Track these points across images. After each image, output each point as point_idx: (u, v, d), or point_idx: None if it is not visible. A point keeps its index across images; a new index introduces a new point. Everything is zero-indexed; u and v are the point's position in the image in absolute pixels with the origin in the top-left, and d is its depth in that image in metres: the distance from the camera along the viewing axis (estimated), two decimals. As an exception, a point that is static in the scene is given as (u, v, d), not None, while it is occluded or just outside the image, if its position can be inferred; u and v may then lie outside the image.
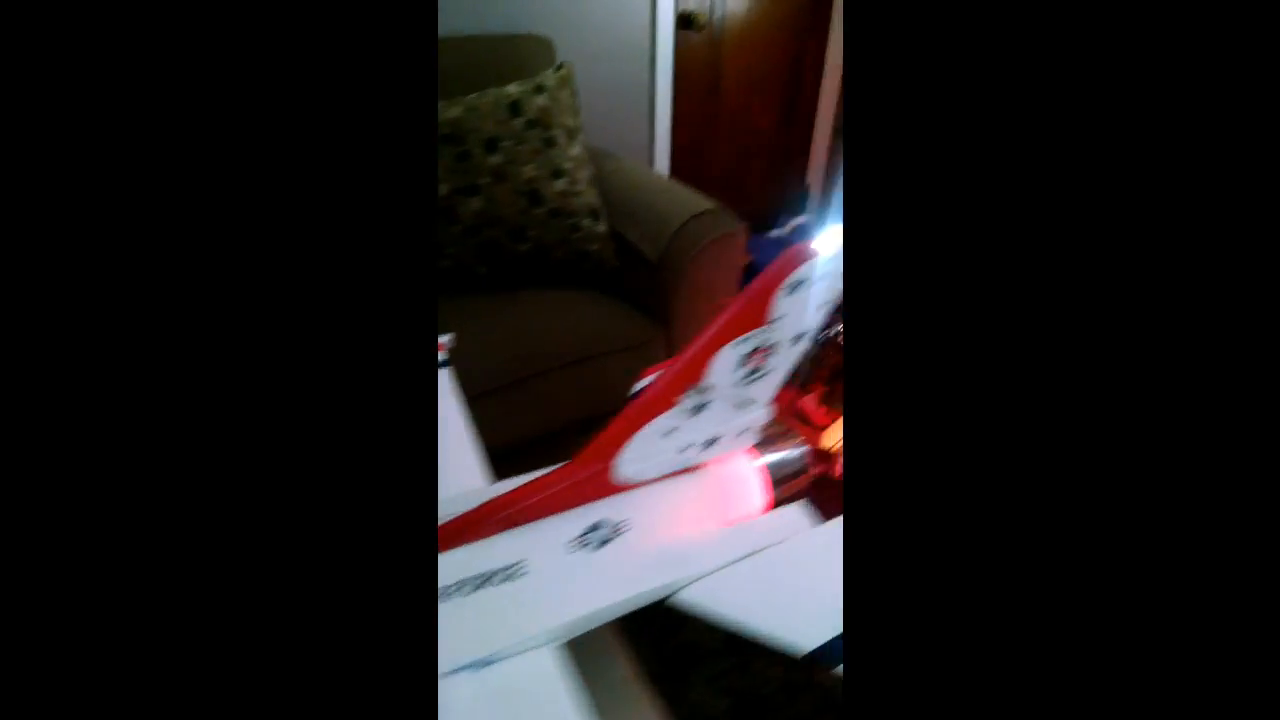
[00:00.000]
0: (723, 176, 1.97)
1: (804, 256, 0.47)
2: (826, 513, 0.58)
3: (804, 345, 0.53)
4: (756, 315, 0.48)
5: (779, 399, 0.59)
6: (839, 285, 0.51)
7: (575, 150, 1.09)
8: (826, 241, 0.47)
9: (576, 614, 0.44)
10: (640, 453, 0.50)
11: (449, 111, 1.04)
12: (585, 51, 1.47)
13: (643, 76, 1.61)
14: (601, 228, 1.11)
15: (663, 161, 1.76)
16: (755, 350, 0.50)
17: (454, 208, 1.04)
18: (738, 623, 0.46)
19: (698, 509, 0.53)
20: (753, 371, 0.51)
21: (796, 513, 0.55)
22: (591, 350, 0.96)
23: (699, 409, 0.50)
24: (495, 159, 1.03)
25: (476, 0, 1.33)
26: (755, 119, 1.95)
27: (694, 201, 1.00)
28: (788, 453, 0.58)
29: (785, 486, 0.57)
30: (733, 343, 0.48)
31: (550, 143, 1.06)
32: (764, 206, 2.14)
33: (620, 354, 0.97)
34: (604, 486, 0.50)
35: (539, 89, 1.08)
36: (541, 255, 1.10)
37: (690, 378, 0.48)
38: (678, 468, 0.53)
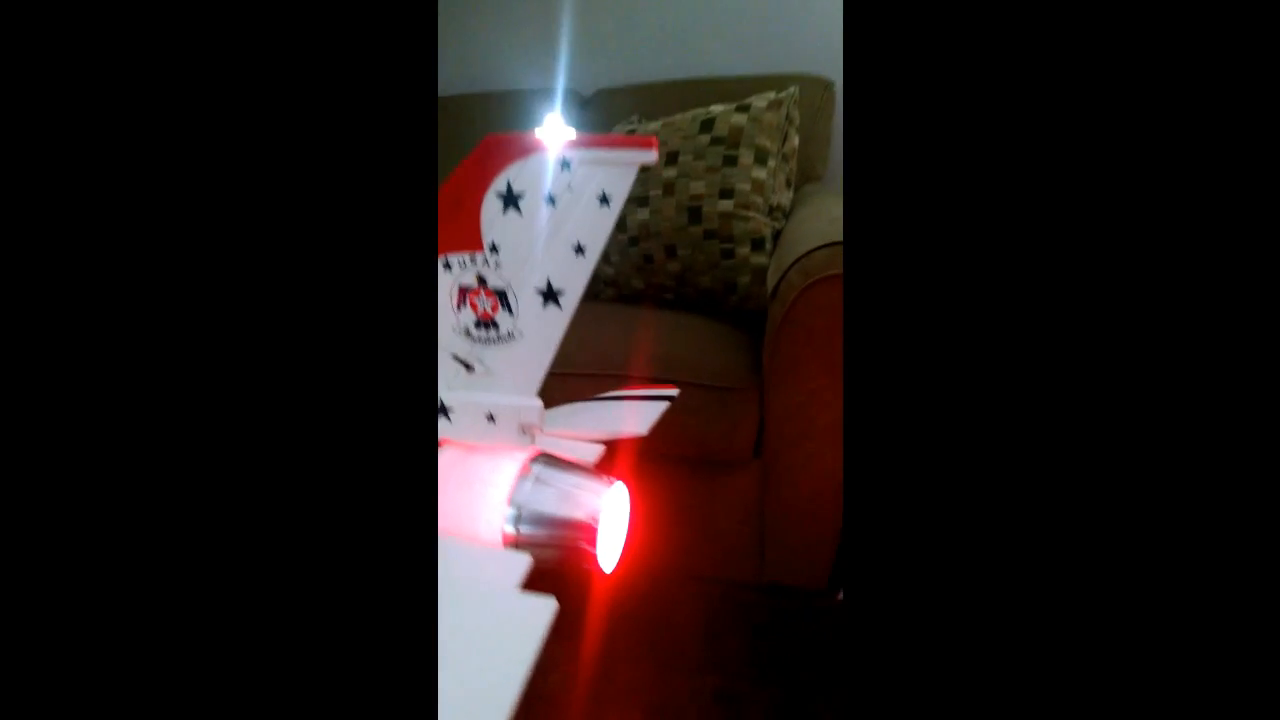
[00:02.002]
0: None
1: (512, 150, 0.32)
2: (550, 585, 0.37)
3: (561, 316, 0.36)
4: (464, 229, 0.35)
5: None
6: (607, 222, 0.34)
7: (760, 174, 0.97)
8: (555, 136, 0.32)
9: None
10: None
11: (648, 127, 1.07)
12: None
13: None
14: (760, 260, 0.95)
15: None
16: (477, 289, 0.36)
17: (625, 217, 1.05)
18: None
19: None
20: (482, 324, 0.37)
21: (510, 561, 0.37)
22: (665, 375, 0.82)
23: (414, 350, 0.39)
24: (670, 173, 1.01)
25: (783, 47, 1.34)
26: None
27: (833, 235, 0.77)
28: (571, 494, 0.39)
29: (538, 533, 0.39)
30: (442, 260, 0.36)
31: (730, 161, 0.97)
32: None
33: (698, 389, 0.81)
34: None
35: (742, 108, 1.01)
36: (689, 277, 1.01)
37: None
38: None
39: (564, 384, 0.80)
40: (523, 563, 0.37)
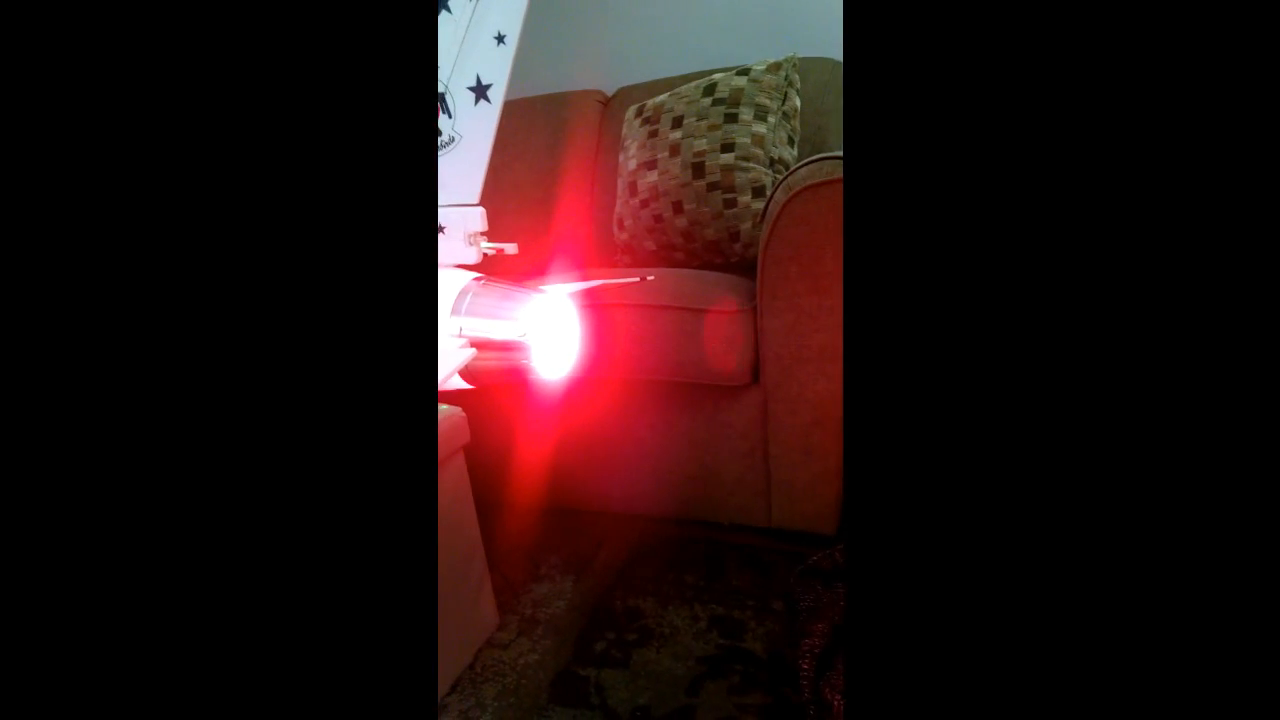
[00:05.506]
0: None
1: (440, -49, 0.37)
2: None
3: (492, 111, 0.39)
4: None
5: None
6: (520, 7, 0.38)
7: (760, 129, 1.00)
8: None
9: None
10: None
11: (656, 98, 1.13)
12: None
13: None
14: (761, 205, 0.97)
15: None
16: (422, 97, 0.40)
17: (636, 182, 1.10)
18: None
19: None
20: (428, 131, 0.41)
21: (455, 347, 0.40)
22: (658, 301, 0.84)
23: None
24: (676, 135, 1.05)
25: (791, 33, 1.39)
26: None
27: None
28: (501, 306, 0.42)
29: (476, 338, 0.42)
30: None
31: (731, 119, 1.01)
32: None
33: (692, 313, 0.82)
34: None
35: (743, 72, 1.06)
36: (696, 231, 1.04)
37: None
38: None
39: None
40: (465, 353, 0.40)
